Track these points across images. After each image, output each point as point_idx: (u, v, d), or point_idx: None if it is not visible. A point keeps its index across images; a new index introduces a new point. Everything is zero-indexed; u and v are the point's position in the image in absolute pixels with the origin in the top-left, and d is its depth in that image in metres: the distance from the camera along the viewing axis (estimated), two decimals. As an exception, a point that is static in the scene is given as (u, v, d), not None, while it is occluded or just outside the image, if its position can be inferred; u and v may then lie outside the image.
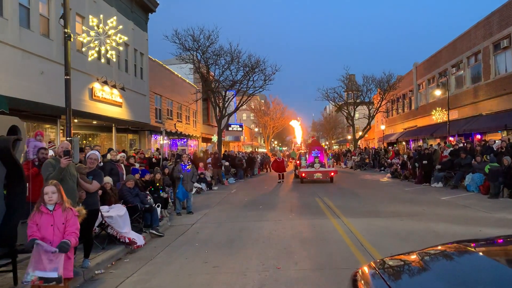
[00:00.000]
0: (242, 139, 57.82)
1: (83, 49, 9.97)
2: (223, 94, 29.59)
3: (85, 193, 6.18)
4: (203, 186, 18.69)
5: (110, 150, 14.66)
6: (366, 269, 2.77)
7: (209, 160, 22.78)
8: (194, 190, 17.41)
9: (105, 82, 18.96)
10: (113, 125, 20.06)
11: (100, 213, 7.26)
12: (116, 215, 7.44)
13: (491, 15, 23.65)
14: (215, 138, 33.72)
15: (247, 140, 64.75)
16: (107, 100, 19.49)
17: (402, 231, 8.18)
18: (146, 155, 19.59)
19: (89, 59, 9.60)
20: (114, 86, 19.89)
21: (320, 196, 14.94)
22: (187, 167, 11.68)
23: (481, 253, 2.87)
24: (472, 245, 3.04)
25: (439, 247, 3.10)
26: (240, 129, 54.54)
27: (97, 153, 6.50)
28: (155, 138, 26.74)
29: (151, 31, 25.73)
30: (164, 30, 25.97)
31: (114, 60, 12.15)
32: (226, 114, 30.06)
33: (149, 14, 25.40)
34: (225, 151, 33.21)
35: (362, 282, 2.59)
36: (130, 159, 11.53)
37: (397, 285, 2.38)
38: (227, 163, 23.62)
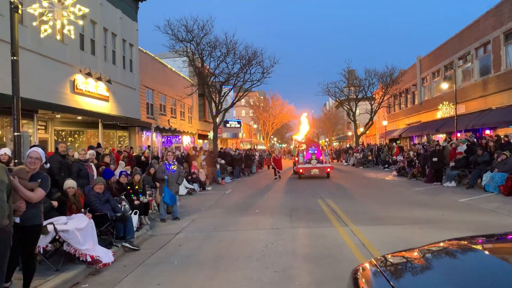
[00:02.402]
0: (240, 136, 56.39)
1: (34, 24, 8.46)
2: (218, 88, 28.11)
3: (25, 202, 4.74)
4: (195, 186, 17.28)
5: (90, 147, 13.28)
6: (367, 266, 2.73)
7: (204, 157, 21.39)
8: (185, 191, 16.08)
9: (89, 74, 17.47)
10: (99, 120, 18.60)
11: (53, 226, 5.86)
12: (73, 228, 6.00)
13: (502, 3, 22.19)
14: (211, 134, 32.29)
15: (245, 137, 63.32)
16: (91, 94, 18.00)
17: (424, 244, 6.74)
18: (134, 152, 18.21)
19: (42, 35, 8.12)
20: (99, 79, 18.40)
21: (323, 197, 13.53)
22: (172, 166, 10.24)
23: (484, 250, 2.83)
24: (477, 241, 3.03)
25: (441, 244, 3.03)
26: (238, 125, 53.16)
27: (39, 150, 5.01)
28: (147, 135, 25.28)
29: (142, 22, 24.24)
30: (156, 21, 24.59)
31: (73, 37, 10.65)
32: (222, 109, 28.59)
33: (139, 2, 23.86)
34: (221, 148, 31.79)
35: (363, 280, 2.55)
36: (105, 157, 10.05)
37: (399, 284, 2.33)
38: (222, 161, 22.18)
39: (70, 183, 7.01)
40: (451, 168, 15.64)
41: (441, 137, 28.89)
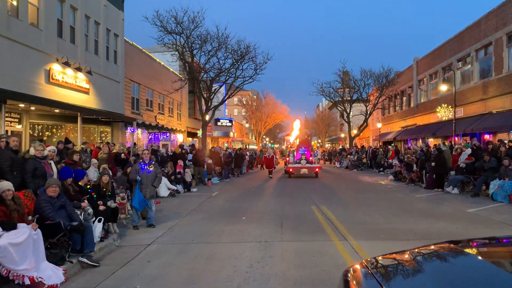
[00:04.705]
0: (232, 135, 55.10)
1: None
2: (208, 84, 26.86)
3: None
4: (179, 187, 16.04)
5: (59, 142, 11.99)
6: (358, 267, 2.74)
7: (190, 156, 20.14)
8: (167, 192, 14.84)
9: (67, 64, 16.11)
10: (79, 114, 17.26)
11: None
12: (6, 243, 4.75)
13: (506, 3, 21.28)
14: (201, 132, 31.02)
15: (237, 136, 62.08)
16: (69, 85, 16.64)
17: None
18: (114, 150, 16.93)
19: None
20: (78, 69, 17.05)
21: (317, 203, 12.37)
22: (148, 167, 8.98)
23: (476, 254, 2.85)
24: (470, 245, 3.06)
25: (432, 247, 3.07)
26: (230, 124, 51.87)
27: None
28: (132, 132, 23.96)
29: (129, 12, 22.95)
30: (145, 11, 23.41)
31: (15, 3, 9.41)
32: (212, 106, 27.32)
33: (126, -9, 22.54)
34: (212, 147, 30.55)
35: (354, 282, 2.55)
36: (73, 155, 8.77)
37: (390, 286, 2.33)
38: (210, 161, 20.93)
39: (5, 185, 5.68)
40: (454, 174, 14.55)
41: (430, 141, 28.03)
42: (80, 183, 7.84)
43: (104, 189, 8.20)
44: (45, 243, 5.75)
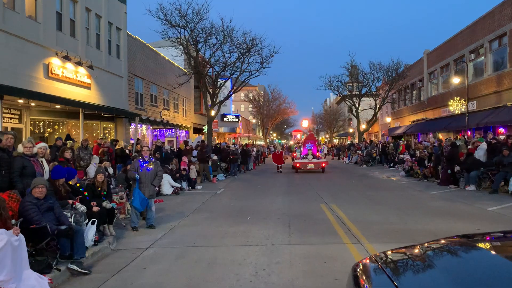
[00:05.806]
0: (238, 130, 54.56)
1: None
2: (213, 78, 26.27)
3: None
4: (184, 185, 15.53)
5: (57, 138, 11.55)
6: (367, 262, 2.67)
7: (195, 153, 19.66)
8: (171, 190, 14.34)
9: (66, 58, 15.61)
10: (80, 110, 16.81)
11: None
12: (-20, 253, 4.25)
13: (522, -9, 20.43)
14: (206, 128, 30.51)
15: (244, 131, 61.52)
16: (69, 80, 16.15)
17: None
18: (118, 146, 16.55)
19: None
20: (79, 63, 16.55)
21: (326, 201, 11.78)
22: (147, 164, 8.43)
23: (488, 247, 2.78)
24: (478, 239, 2.98)
25: (443, 241, 3.02)
26: (236, 119, 51.31)
27: None
28: (135, 127, 23.48)
29: (133, 6, 22.44)
30: (148, 4, 22.79)
31: None
32: (218, 101, 26.74)
33: (129, -17, 21.96)
34: (218, 143, 30.02)
35: (364, 277, 2.47)
36: (64, 152, 8.25)
37: (401, 282, 2.25)
38: (215, 158, 20.40)
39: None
40: (466, 170, 13.82)
41: (440, 135, 27.25)
42: (70, 183, 7.32)
43: (99, 189, 7.68)
44: (30, 249, 5.25)
